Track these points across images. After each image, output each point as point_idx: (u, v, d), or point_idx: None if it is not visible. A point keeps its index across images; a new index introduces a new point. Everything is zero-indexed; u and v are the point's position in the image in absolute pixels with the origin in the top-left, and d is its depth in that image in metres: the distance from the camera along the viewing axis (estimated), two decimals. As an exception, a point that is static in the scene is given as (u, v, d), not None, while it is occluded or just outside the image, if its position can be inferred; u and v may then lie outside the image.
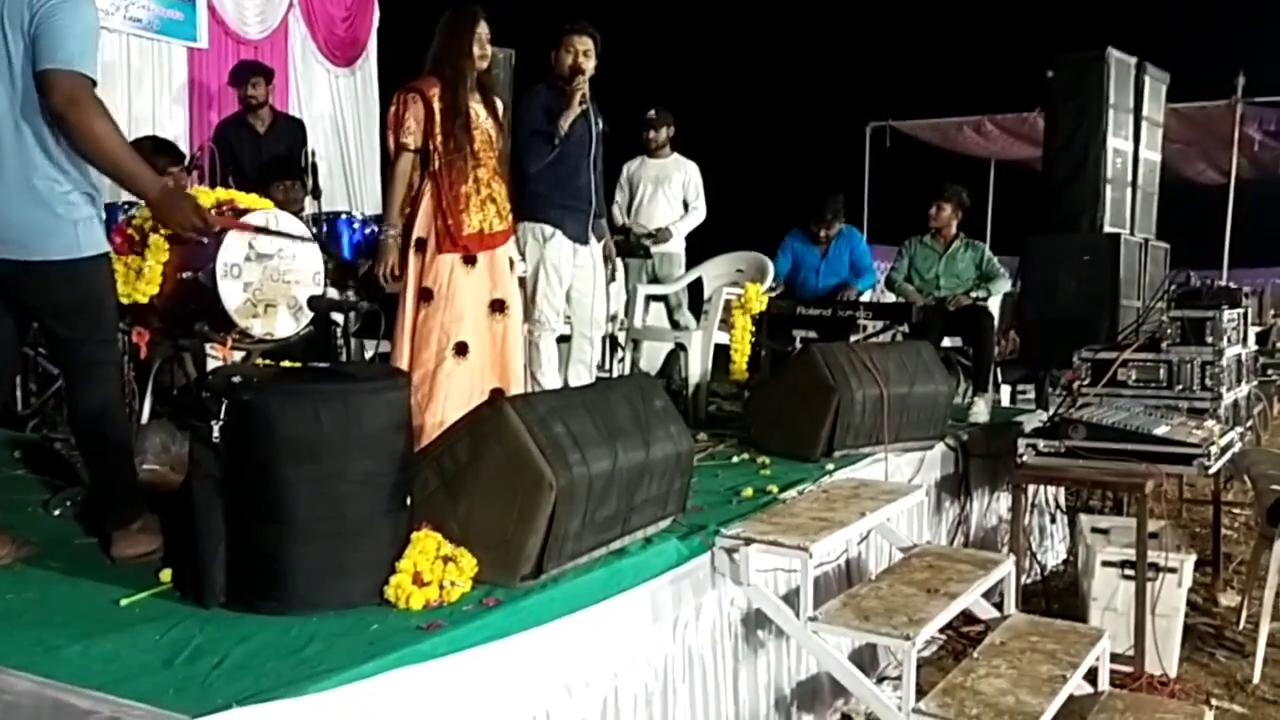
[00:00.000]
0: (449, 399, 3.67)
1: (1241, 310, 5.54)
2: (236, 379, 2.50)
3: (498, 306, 3.83)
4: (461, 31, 3.80)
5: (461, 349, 3.72)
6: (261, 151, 5.97)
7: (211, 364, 3.85)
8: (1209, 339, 5.00)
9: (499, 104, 4.02)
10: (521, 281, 4.46)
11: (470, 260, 3.78)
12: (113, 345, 2.96)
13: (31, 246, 2.69)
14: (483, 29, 3.82)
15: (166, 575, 2.59)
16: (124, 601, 2.46)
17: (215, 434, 2.43)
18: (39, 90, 2.63)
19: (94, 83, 2.67)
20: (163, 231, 3.68)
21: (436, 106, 3.74)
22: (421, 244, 3.76)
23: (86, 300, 2.80)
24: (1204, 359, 4.98)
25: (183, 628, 2.31)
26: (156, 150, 4.71)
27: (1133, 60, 6.86)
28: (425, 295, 3.74)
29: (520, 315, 4.02)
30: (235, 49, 7.22)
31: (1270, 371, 8.92)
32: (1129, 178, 6.95)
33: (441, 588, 2.49)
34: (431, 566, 2.51)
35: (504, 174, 3.98)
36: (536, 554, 2.63)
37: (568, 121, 4.36)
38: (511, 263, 3.95)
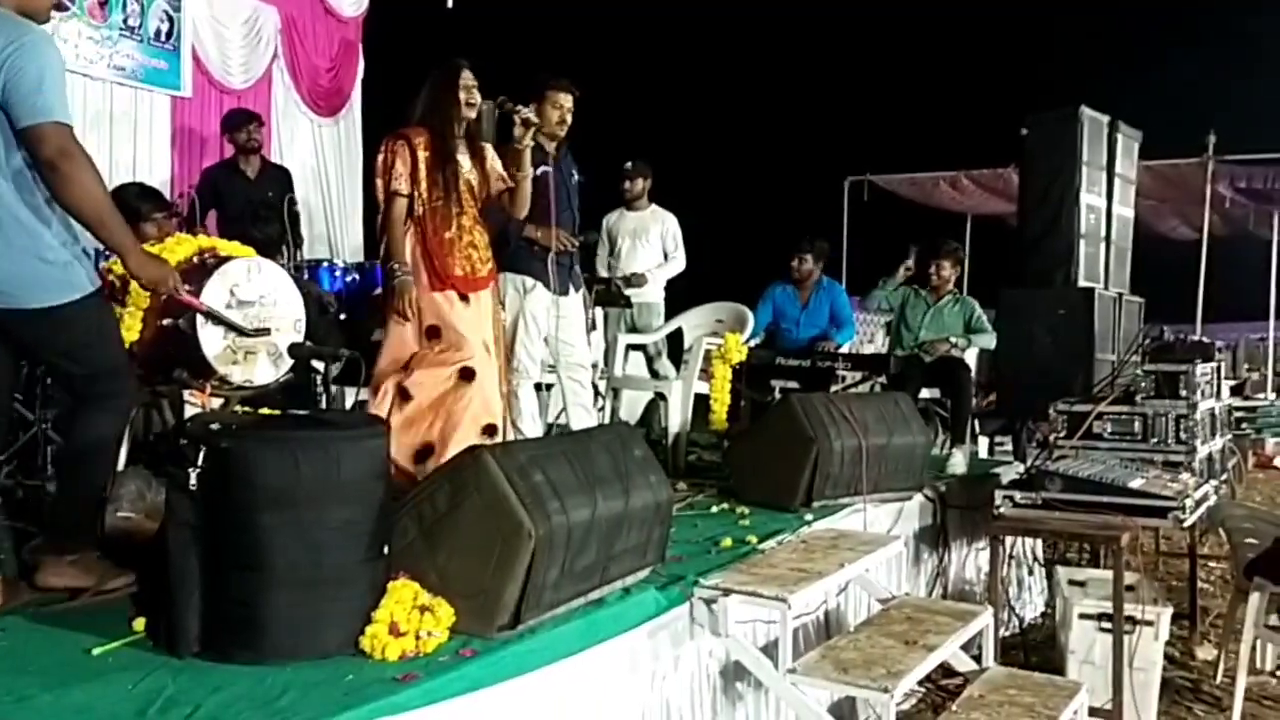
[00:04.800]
0: (467, 423, 3.75)
1: (1215, 364, 5.61)
2: (215, 425, 2.49)
3: (484, 347, 3.92)
4: (447, 83, 3.92)
5: (469, 374, 3.80)
6: (251, 197, 6.00)
7: (190, 411, 3.84)
8: (1183, 393, 5.05)
9: (487, 152, 4.09)
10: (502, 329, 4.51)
11: (464, 298, 3.90)
12: (127, 377, 2.96)
13: (23, 296, 2.70)
14: (466, 79, 3.93)
15: (140, 624, 2.56)
16: (96, 650, 2.43)
17: (192, 481, 2.42)
18: (24, 144, 2.64)
19: (72, 126, 2.69)
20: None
21: (422, 154, 3.85)
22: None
23: (92, 336, 2.83)
24: (1178, 412, 5.03)
25: (156, 677, 2.28)
26: (142, 197, 4.71)
27: (1105, 119, 6.98)
28: (432, 333, 3.83)
29: (499, 359, 4.06)
30: (219, 98, 7.26)
31: (1244, 425, 9.00)
32: (1103, 233, 7.04)
33: (418, 638, 2.47)
34: (408, 616, 2.49)
35: (485, 223, 4.04)
36: (514, 604, 2.61)
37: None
38: (491, 308, 4.02)
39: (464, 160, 3.96)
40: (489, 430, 3.81)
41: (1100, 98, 7.06)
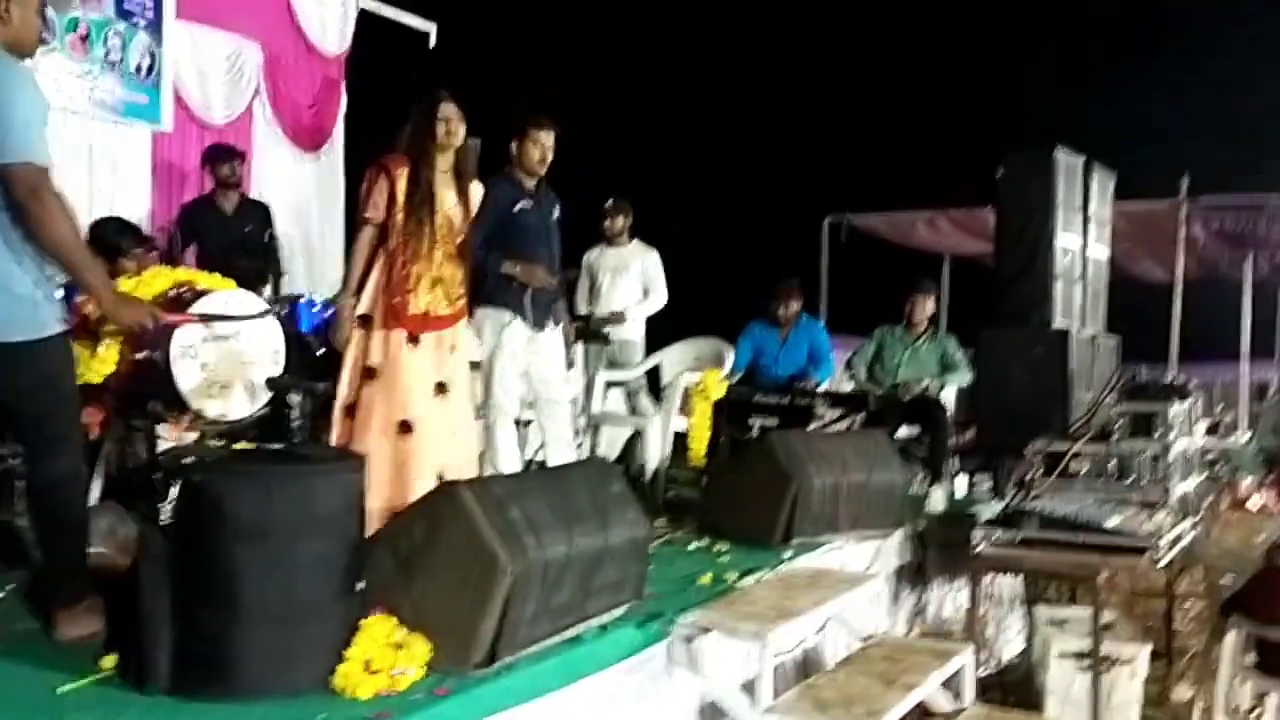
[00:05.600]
0: (394, 481, 3.63)
1: (1189, 403, 5.65)
2: (188, 459, 2.48)
3: (440, 389, 3.79)
4: (426, 113, 3.84)
5: (406, 428, 3.68)
6: (230, 232, 5.99)
7: (164, 445, 3.80)
8: (1158, 432, 5.08)
9: (473, 190, 4.01)
10: (475, 365, 4.47)
11: (414, 339, 3.76)
12: (76, 422, 2.94)
13: None
14: (445, 110, 3.83)
15: (108, 661, 2.52)
16: (63, 689, 2.39)
17: (165, 515, 2.40)
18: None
19: (48, 168, 2.67)
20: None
21: (399, 184, 3.76)
22: (366, 320, 3.75)
23: (49, 378, 2.80)
24: (1153, 452, 5.06)
25: (124, 717, 2.25)
26: (120, 232, 4.71)
27: (1080, 160, 7.06)
28: (369, 374, 3.72)
29: (464, 397, 3.94)
30: (199, 133, 7.25)
31: (1218, 464, 9.04)
32: (1078, 273, 7.10)
33: (391, 675, 2.45)
34: (382, 653, 2.47)
35: (462, 260, 3.96)
36: (490, 640, 2.59)
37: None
38: (452, 347, 3.89)
39: (448, 195, 3.87)
40: (441, 479, 3.64)
41: (1075, 139, 7.14)
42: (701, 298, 8.54)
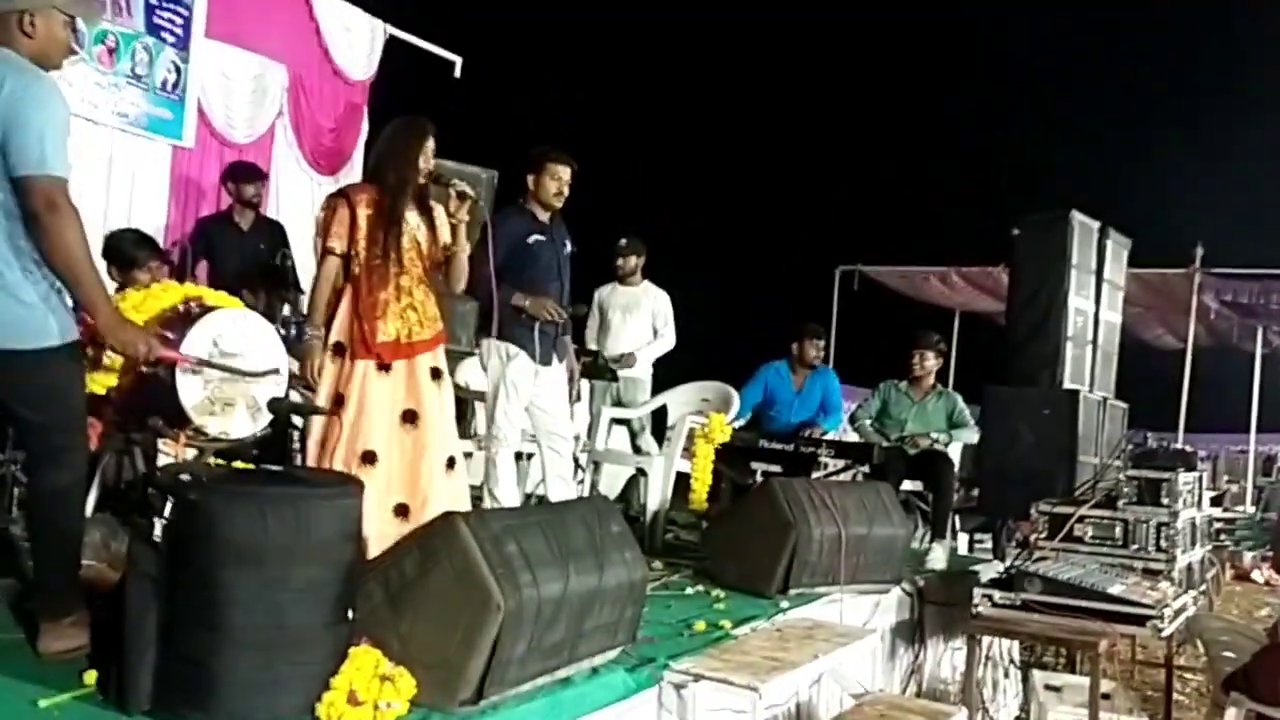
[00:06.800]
0: (374, 507, 3.56)
1: (1197, 474, 5.60)
2: (184, 477, 2.44)
3: (408, 417, 3.71)
4: (411, 141, 3.81)
5: (369, 458, 3.61)
6: (244, 249, 6.00)
7: (163, 460, 3.77)
8: (1165, 500, 5.03)
9: (438, 213, 3.94)
10: (480, 395, 4.43)
11: (384, 367, 3.70)
12: (81, 433, 2.91)
13: (0, 336, 2.66)
14: (430, 143, 3.82)
15: (91, 677, 2.48)
16: (43, 703, 2.36)
17: (157, 532, 2.37)
18: (14, 192, 2.62)
19: (66, 180, 2.67)
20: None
21: (362, 212, 3.72)
22: (340, 349, 3.71)
23: (55, 387, 2.78)
24: (1159, 520, 5.00)
25: (102, 735, 2.20)
26: (138, 244, 4.72)
27: (1096, 224, 7.07)
28: (338, 401, 3.67)
29: (442, 427, 3.81)
30: (220, 150, 7.29)
31: (1223, 536, 8.97)
32: (1089, 337, 7.08)
33: (376, 709, 2.40)
34: (368, 685, 2.42)
35: (432, 284, 3.88)
36: (478, 678, 2.55)
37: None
38: (437, 373, 3.81)
39: (411, 217, 3.81)
40: (400, 510, 3.61)
41: (1090, 203, 7.15)
42: (710, 340, 8.53)
